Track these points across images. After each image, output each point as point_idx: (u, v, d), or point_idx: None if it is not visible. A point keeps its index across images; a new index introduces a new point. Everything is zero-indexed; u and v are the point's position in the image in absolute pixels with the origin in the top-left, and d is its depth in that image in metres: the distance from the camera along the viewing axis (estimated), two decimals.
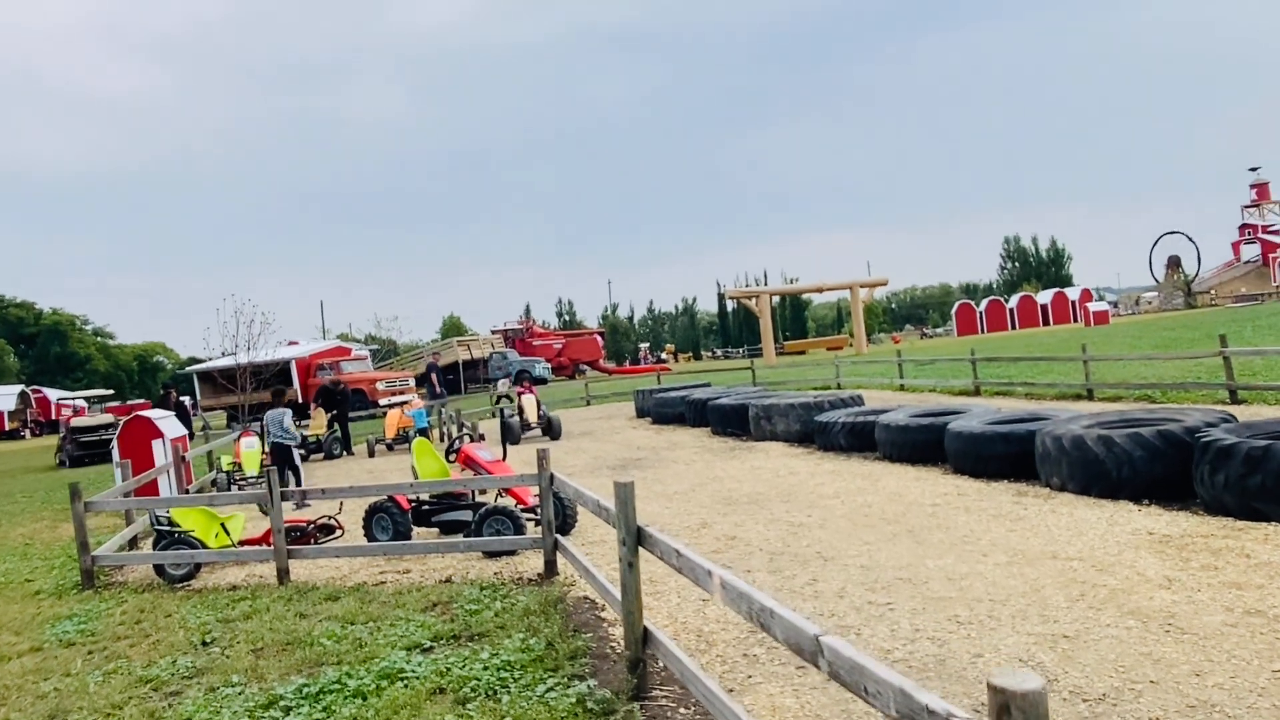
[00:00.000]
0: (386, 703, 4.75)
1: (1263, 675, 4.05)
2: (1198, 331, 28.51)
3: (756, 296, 50.48)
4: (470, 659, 5.33)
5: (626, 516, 4.59)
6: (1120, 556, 6.08)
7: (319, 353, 37.24)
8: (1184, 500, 7.55)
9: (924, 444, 10.92)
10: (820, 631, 2.69)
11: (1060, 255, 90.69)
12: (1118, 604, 5.15)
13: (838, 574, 6.43)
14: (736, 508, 9.29)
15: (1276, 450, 6.61)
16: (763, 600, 3.13)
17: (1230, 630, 4.60)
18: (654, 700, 4.53)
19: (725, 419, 16.29)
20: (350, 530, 9.55)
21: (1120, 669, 4.28)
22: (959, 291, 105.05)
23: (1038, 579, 5.79)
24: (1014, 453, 9.37)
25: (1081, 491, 8.18)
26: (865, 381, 24.46)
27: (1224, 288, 66.96)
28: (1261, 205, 68.09)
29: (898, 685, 2.25)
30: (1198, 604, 5.02)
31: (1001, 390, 18.29)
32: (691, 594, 6.30)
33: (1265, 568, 5.53)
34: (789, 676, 4.68)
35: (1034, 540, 6.77)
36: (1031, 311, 64.97)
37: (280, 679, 5.36)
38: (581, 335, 65.53)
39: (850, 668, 2.48)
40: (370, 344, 58.25)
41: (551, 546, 7.35)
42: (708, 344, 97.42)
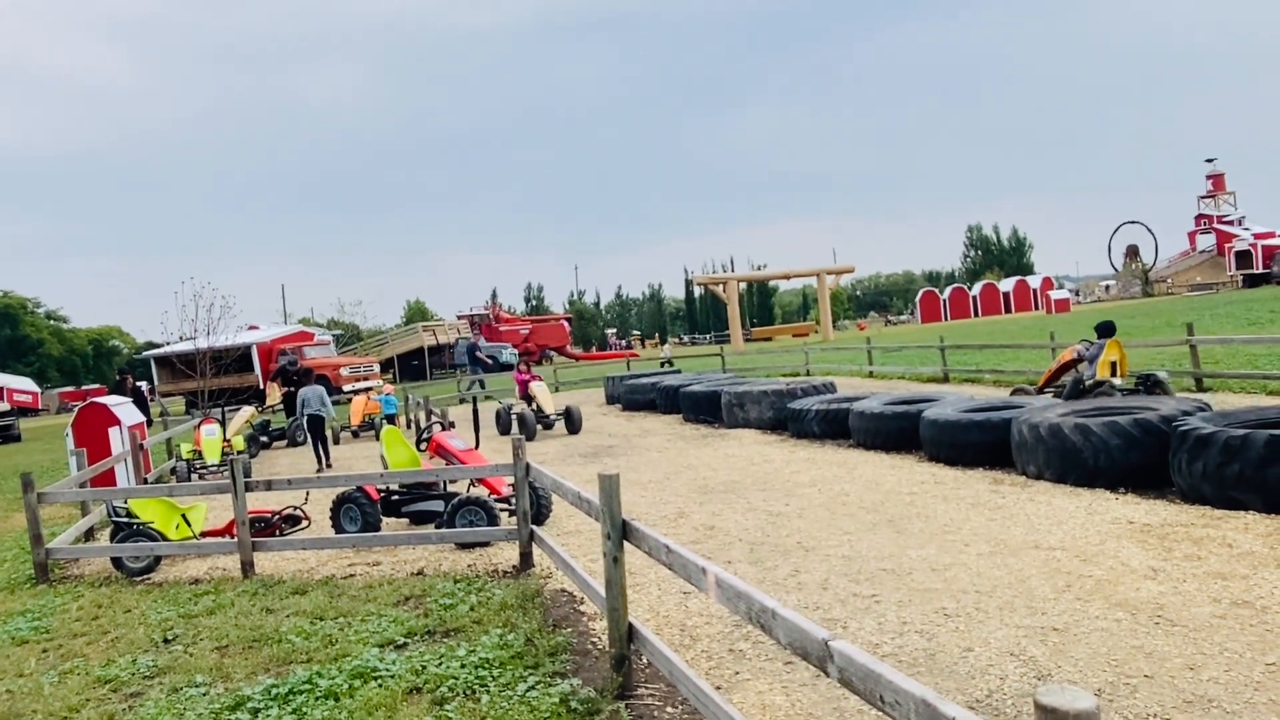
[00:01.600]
0: (360, 704, 4.56)
1: (1256, 669, 4.01)
2: (1157, 319, 28.96)
3: (724, 283, 50.47)
4: (447, 656, 5.15)
5: (612, 510, 4.43)
6: (1103, 546, 6.05)
7: (281, 338, 36.54)
8: (1160, 489, 7.57)
9: (899, 431, 10.89)
10: (829, 636, 2.56)
11: (1022, 244, 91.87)
12: (1105, 595, 5.11)
13: (820, 565, 6.34)
14: (713, 496, 9.18)
15: (1254, 439, 6.62)
16: (763, 600, 2.99)
17: (1220, 622, 4.56)
18: (639, 699, 4.40)
19: (697, 406, 16.18)
20: (317, 521, 9.29)
21: (1113, 663, 4.22)
22: (923, 279, 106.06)
23: (1022, 569, 5.74)
24: (990, 440, 9.36)
25: (1058, 480, 8.17)
26: (835, 368, 24.50)
27: (1180, 277, 68.24)
28: (1217, 196, 69.39)
29: (920, 696, 2.12)
30: (1185, 595, 4.99)
31: (970, 377, 18.38)
32: (673, 587, 6.17)
33: (1248, 557, 5.52)
34: (777, 673, 4.57)
35: (1015, 530, 6.73)
36: (994, 299, 65.75)
37: (247, 679, 5.14)
38: (548, 321, 65.11)
39: (864, 675, 2.35)
40: (333, 329, 57.38)
41: (527, 538, 7.18)
42: (675, 330, 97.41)
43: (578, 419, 16.17)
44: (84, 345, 78.77)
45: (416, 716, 4.34)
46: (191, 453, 15.37)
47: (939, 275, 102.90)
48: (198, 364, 25.61)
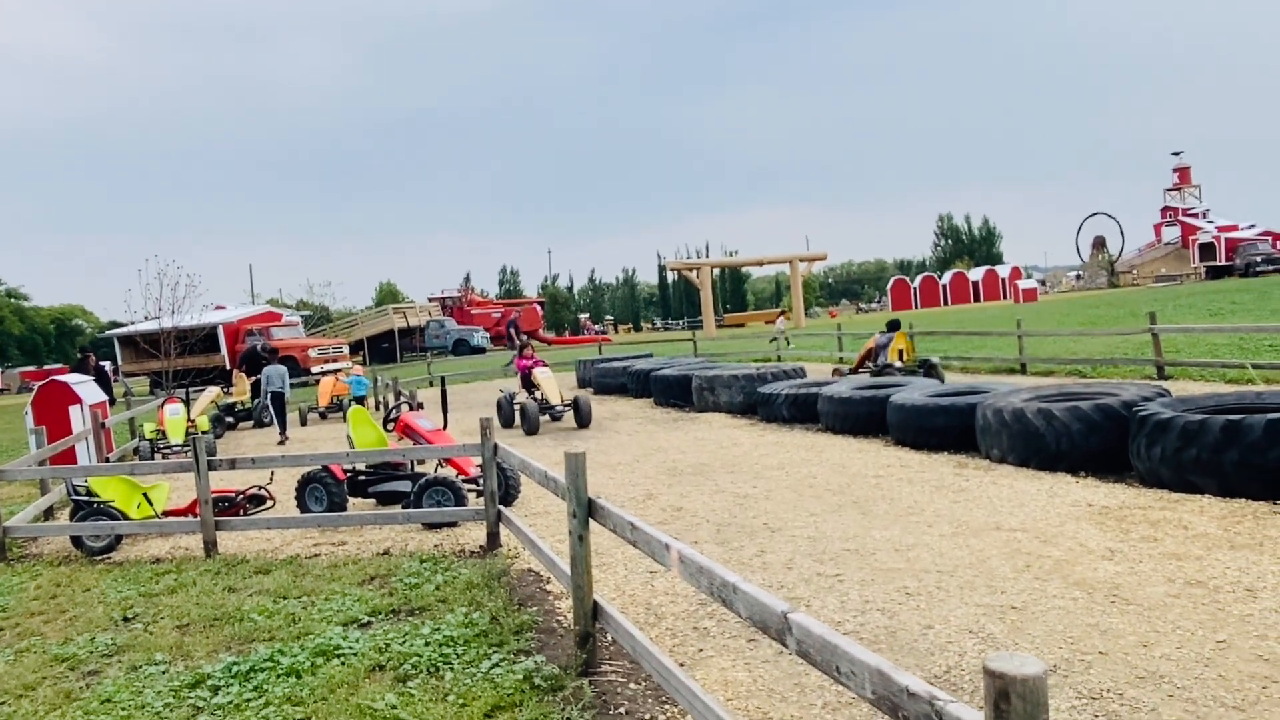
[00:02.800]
0: (322, 681, 4.53)
1: (1207, 646, 4.10)
2: (1122, 309, 29.41)
3: (697, 269, 50.50)
4: (411, 634, 5.13)
5: (578, 489, 4.43)
6: (1063, 528, 6.15)
7: (248, 318, 36.07)
8: (1120, 472, 7.70)
9: (866, 416, 10.98)
10: (788, 608, 2.57)
11: (991, 234, 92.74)
12: (1063, 575, 5.20)
13: (785, 545, 6.39)
14: (681, 479, 9.21)
15: (1211, 425, 6.75)
16: (725, 575, 3.00)
17: (1173, 601, 4.66)
18: (603, 675, 4.41)
19: (668, 390, 16.21)
20: (282, 501, 9.20)
21: (1069, 640, 4.29)
22: (894, 267, 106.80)
23: (983, 550, 5.82)
24: (955, 425, 9.46)
25: (1021, 463, 8.29)
26: (805, 354, 24.64)
27: (1145, 268, 69.25)
28: (1183, 189, 70.42)
29: (874, 666, 2.14)
30: (1140, 575, 5.09)
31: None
32: (639, 566, 6.19)
33: (1203, 539, 5.64)
34: (740, 650, 4.60)
35: (977, 511, 6.82)
36: (964, 288, 66.36)
37: (208, 656, 5.09)
38: (521, 305, 64.83)
39: (821, 646, 2.37)
40: (302, 310, 56.71)
41: (494, 518, 7.16)
42: (648, 315, 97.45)
43: (586, 411, 13.86)
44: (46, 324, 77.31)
45: (379, 693, 4.32)
46: (155, 432, 15.15)
47: (910, 264, 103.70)
48: (162, 344, 25.22)
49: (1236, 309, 25.52)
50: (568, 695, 4.17)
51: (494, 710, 4.07)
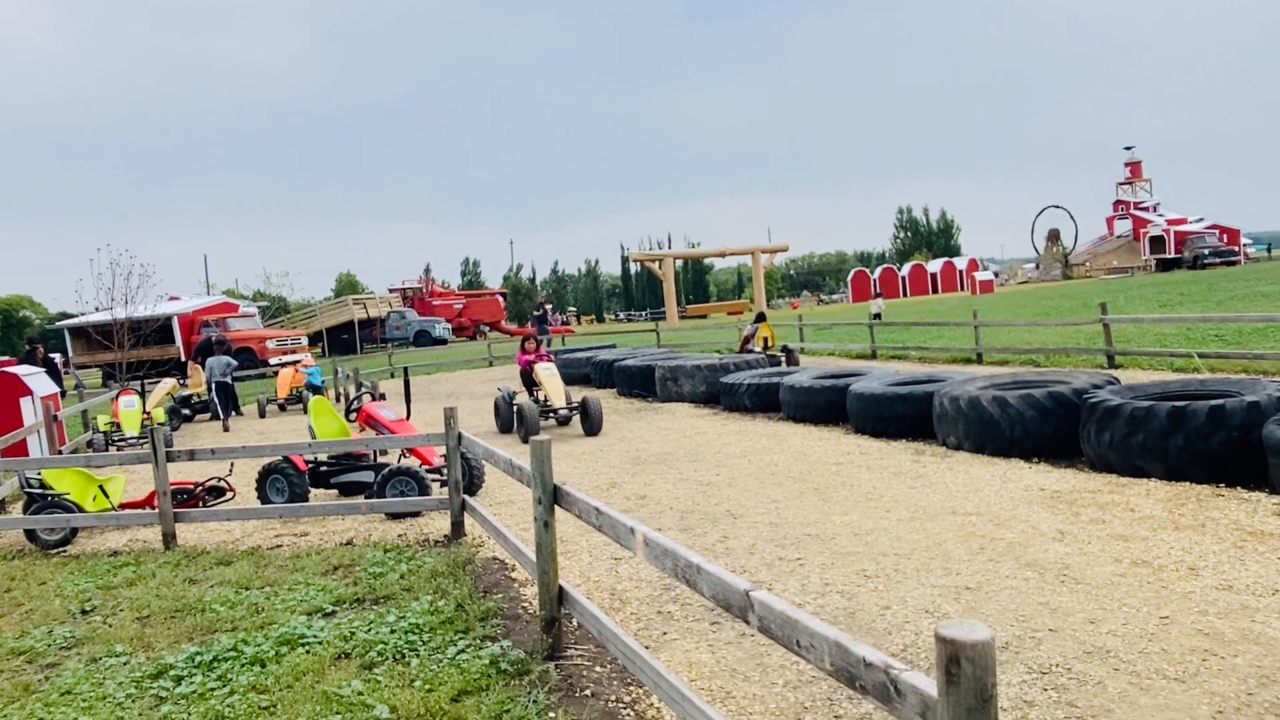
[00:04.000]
0: (287, 669, 4.53)
1: (1151, 622, 4.26)
2: (1075, 301, 30.05)
3: (660, 260, 50.62)
4: (376, 622, 5.14)
5: (543, 475, 4.48)
6: (1015, 511, 6.33)
7: (203, 309, 35.46)
8: (1071, 458, 7.91)
9: (827, 405, 11.13)
10: (750, 586, 2.65)
11: (949, 226, 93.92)
12: (1015, 556, 5.36)
13: (748, 531, 6.49)
14: (645, 467, 9.28)
15: (1158, 411, 6.97)
16: (689, 556, 3.07)
17: (1120, 580, 4.83)
18: (569, 659, 4.47)
19: (631, 380, 16.27)
20: (242, 493, 9.11)
21: (1020, 618, 4.44)
22: (854, 259, 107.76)
23: (939, 533, 5.97)
24: (913, 413, 9.64)
25: (976, 450, 8.48)
26: None
27: (1098, 260, 70.73)
28: (1134, 183, 71.97)
29: (833, 638, 2.22)
30: (1089, 555, 5.26)
31: (897, 354, 18.86)
32: (604, 553, 6.25)
33: (1149, 521, 5.84)
34: (704, 633, 4.69)
35: (934, 497, 6.98)
36: (922, 280, 67.23)
37: (170, 648, 5.05)
38: (483, 296, 64.43)
39: (782, 622, 2.44)
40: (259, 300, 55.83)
41: (459, 507, 7.17)
42: (610, 306, 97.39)
43: (597, 415, 11.92)
44: None
45: (344, 680, 4.33)
46: (109, 425, 14.87)
47: (870, 255, 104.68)
48: (115, 335, 24.71)
49: (1185, 300, 26.21)
50: (534, 679, 4.22)
51: (460, 695, 4.11)
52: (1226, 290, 28.50)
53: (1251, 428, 6.59)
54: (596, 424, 11.92)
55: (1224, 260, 57.35)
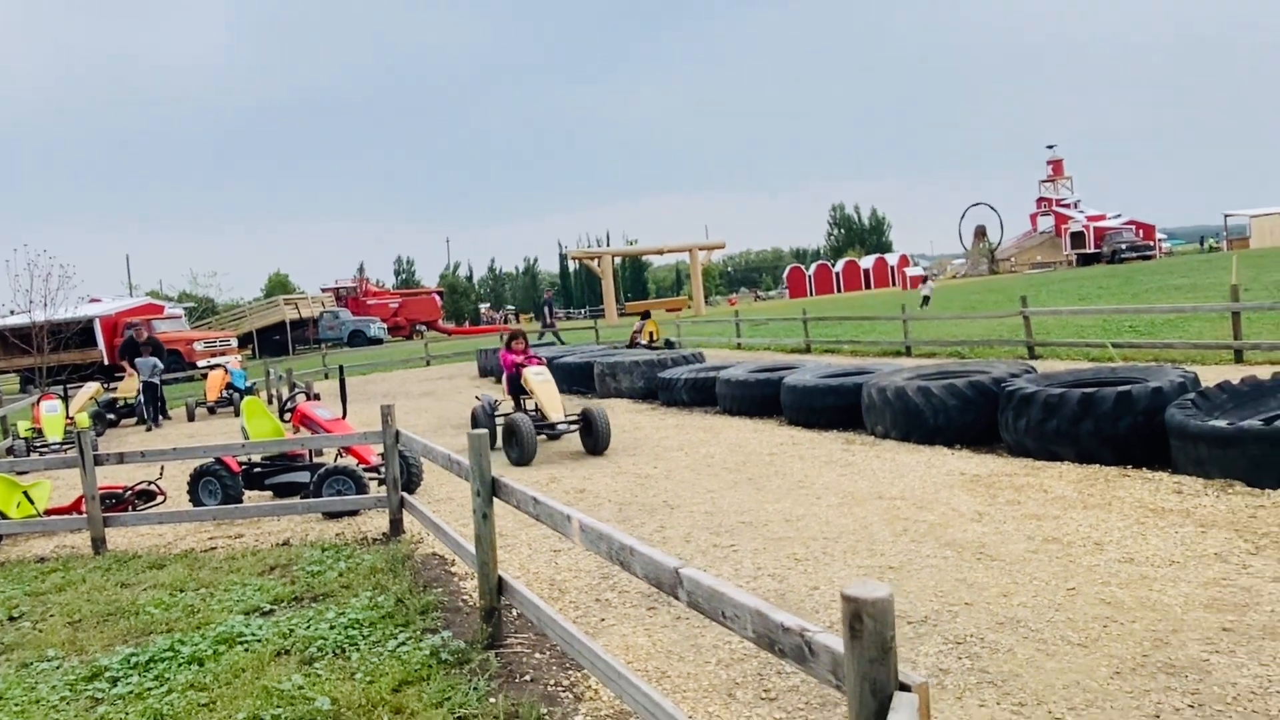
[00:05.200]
0: (226, 667, 4.54)
1: (1059, 593, 4.54)
2: (1000, 295, 31.05)
3: (598, 257, 50.71)
4: (315, 619, 5.16)
5: (481, 468, 4.57)
6: (937, 495, 6.62)
7: (127, 310, 34.38)
8: (991, 444, 8.27)
9: (761, 398, 11.39)
10: (679, 564, 2.79)
11: (881, 223, 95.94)
12: (936, 537, 5.62)
13: (684, 520, 6.66)
14: (584, 462, 9.40)
15: (1069, 397, 7.35)
16: (622, 539, 3.21)
17: (1032, 556, 5.12)
18: (509, 648, 4.57)
19: (570, 376, 16.35)
20: (173, 497, 8.96)
21: (939, 594, 4.68)
22: (790, 256, 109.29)
23: (866, 517, 6.22)
24: (843, 404, 9.94)
25: (903, 438, 8.80)
26: (705, 341, 25.14)
27: (1022, 256, 72.99)
28: (1056, 180, 74.46)
29: (753, 607, 2.37)
30: (1004, 534, 5.55)
31: (830, 348, 19.29)
32: (543, 546, 6.36)
33: (1060, 501, 6.18)
34: (640, 618, 4.83)
35: (862, 483, 7.25)
36: (855, 276, 68.52)
37: (104, 650, 5.00)
38: (419, 294, 63.67)
39: (709, 595, 2.59)
40: (185, 301, 54.29)
41: (397, 505, 7.19)
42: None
43: (604, 428, 9.70)
44: None
45: (284, 675, 4.36)
46: (30, 431, 14.41)
47: (805, 252, 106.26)
48: (34, 339, 23.85)
49: (1103, 293, 27.31)
50: (474, 667, 4.31)
51: (401, 685, 4.18)
52: (1142, 283, 29.77)
53: (1155, 412, 7.00)
54: (603, 441, 9.68)
55: (1140, 255, 59.74)
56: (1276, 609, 4.10)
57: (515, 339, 10.91)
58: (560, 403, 10.25)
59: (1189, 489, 6.13)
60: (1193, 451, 6.43)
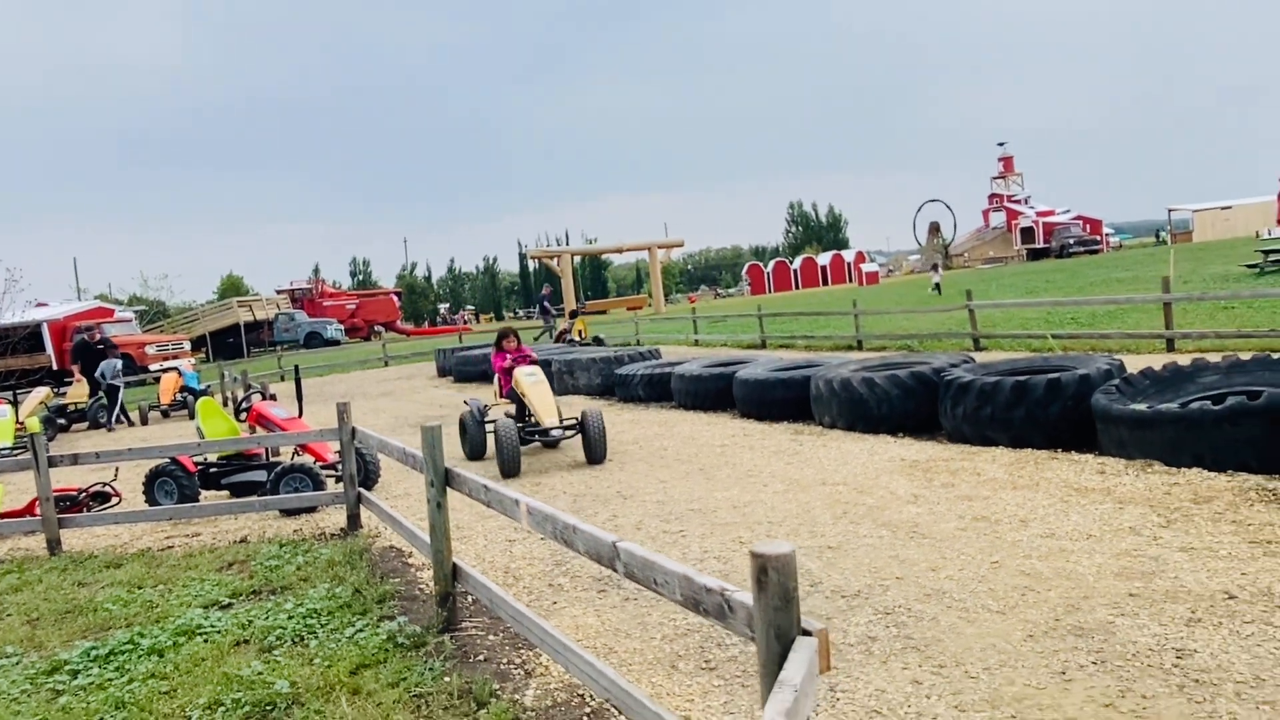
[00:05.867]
0: (186, 657, 4.66)
1: (984, 566, 4.83)
2: (952, 289, 31.73)
3: (558, 256, 50.75)
4: (274, 610, 5.29)
5: (434, 459, 4.74)
6: (878, 480, 6.92)
7: (75, 314, 33.73)
8: (932, 431, 8.60)
9: (715, 392, 11.65)
10: (617, 539, 3.00)
11: (838, 220, 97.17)
12: (873, 518, 5.90)
13: (636, 509, 6.88)
14: (540, 456, 9.57)
15: (1003, 385, 7.69)
16: (565, 519, 3.41)
17: (961, 534, 5.42)
18: (464, 631, 4.75)
19: None
20: (129, 498, 8.96)
21: (873, 570, 4.95)
22: (749, 253, 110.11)
23: (809, 502, 6.49)
24: (793, 396, 10.23)
25: (849, 428, 9.11)
26: (663, 338, 25.41)
27: (975, 251, 74.42)
28: (1007, 177, 76.02)
29: (681, 573, 2.59)
30: (937, 514, 5.85)
31: (785, 343, 19.66)
32: (498, 537, 6.53)
33: (991, 483, 6.50)
34: (591, 600, 5.04)
35: (807, 470, 7.52)
36: (813, 272, 69.34)
37: (63, 645, 5.09)
38: (376, 295, 63.18)
39: (642, 565, 2.80)
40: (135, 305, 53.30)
41: (354, 500, 7.31)
42: (509, 304, 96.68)
43: (599, 434, 8.87)
44: None
45: (244, 663, 4.49)
46: None
47: (764, 249, 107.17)
48: None
49: (1050, 286, 28.07)
50: (430, 650, 4.49)
51: (359, 668, 4.34)
52: (1088, 277, 30.63)
53: (1083, 398, 7.37)
54: (599, 447, 8.83)
55: (1088, 249, 61.28)
56: (1179, 575, 4.42)
57: (505, 337, 9.94)
58: (555, 406, 9.16)
59: (1111, 469, 6.49)
60: (1115, 434, 6.80)
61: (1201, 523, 5.13)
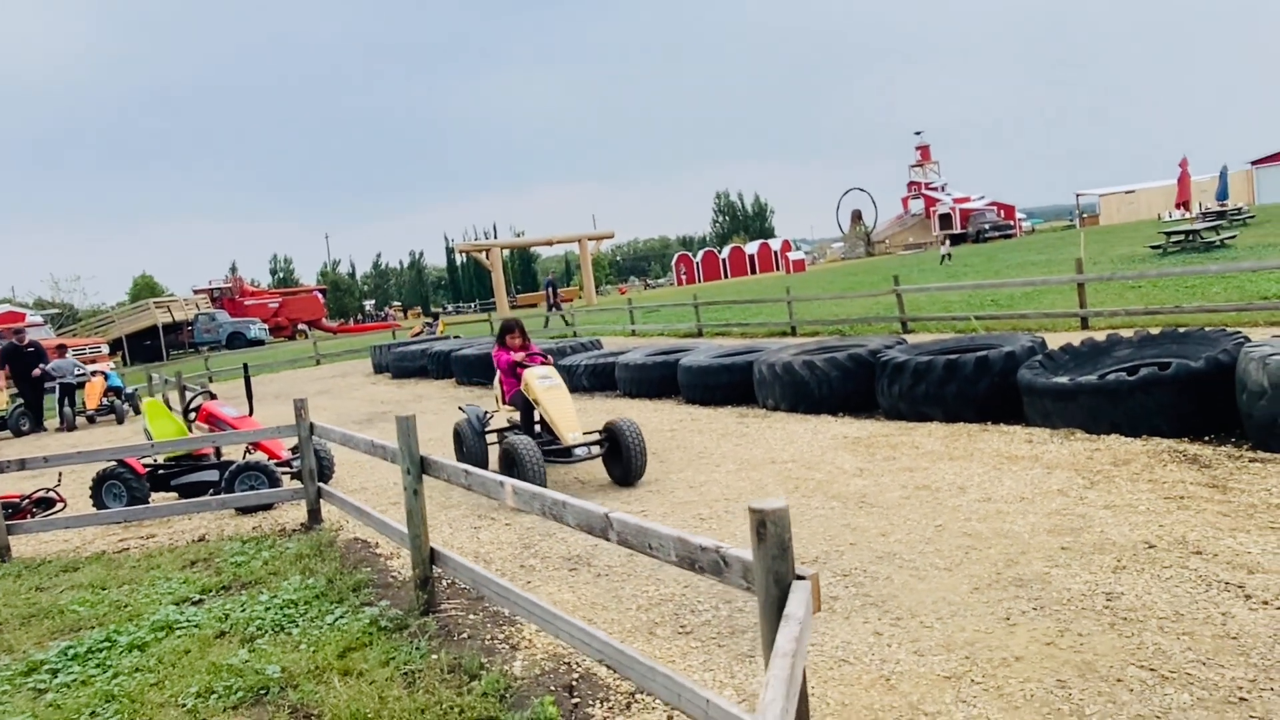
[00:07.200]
0: (169, 650, 4.73)
1: (928, 530, 5.22)
2: (876, 275, 32.69)
3: (487, 250, 50.39)
4: (249, 603, 5.37)
5: (410, 448, 4.90)
6: (824, 456, 7.29)
7: None
8: (870, 410, 9.04)
9: (659, 379, 11.94)
10: (609, 510, 3.24)
11: (764, 209, 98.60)
12: (824, 491, 6.26)
13: (593, 492, 7.11)
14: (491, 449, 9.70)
15: (936, 364, 8.15)
16: (554, 495, 3.64)
17: (905, 502, 5.81)
18: (444, 612, 4.93)
19: (470, 369, 16.55)
20: (75, 503, 8.82)
21: (828, 538, 5.29)
22: (677, 244, 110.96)
23: (761, 479, 6.82)
24: (736, 381, 10.59)
25: (791, 409, 9.50)
26: (600, 329, 25.64)
27: (896, 238, 76.50)
28: (924, 165, 78.32)
29: (675, 535, 2.85)
30: (882, 485, 6.24)
31: (721, 331, 20.08)
32: (463, 525, 6.70)
33: (929, 455, 6.93)
34: (564, 579, 5.26)
35: (756, 450, 7.87)
36: (741, 261, 70.38)
37: (36, 647, 5.08)
38: (300, 293, 61.87)
39: (636, 531, 3.05)
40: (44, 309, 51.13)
41: (315, 495, 7.36)
42: (437, 299, 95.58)
43: (638, 450, 7.18)
44: None
45: (230, 653, 4.59)
46: None
47: (692, 240, 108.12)
48: None
49: (969, 270, 29.18)
50: (414, 631, 4.66)
51: (346, 651, 4.48)
52: (1004, 260, 31.92)
53: (1009, 373, 7.86)
54: (637, 464, 7.20)
55: (1002, 234, 63.60)
56: (1104, 530, 4.87)
57: (510, 331, 8.21)
58: (576, 416, 7.68)
59: (1038, 438, 6.98)
60: (1040, 405, 7.30)
61: (1121, 483, 5.61)
